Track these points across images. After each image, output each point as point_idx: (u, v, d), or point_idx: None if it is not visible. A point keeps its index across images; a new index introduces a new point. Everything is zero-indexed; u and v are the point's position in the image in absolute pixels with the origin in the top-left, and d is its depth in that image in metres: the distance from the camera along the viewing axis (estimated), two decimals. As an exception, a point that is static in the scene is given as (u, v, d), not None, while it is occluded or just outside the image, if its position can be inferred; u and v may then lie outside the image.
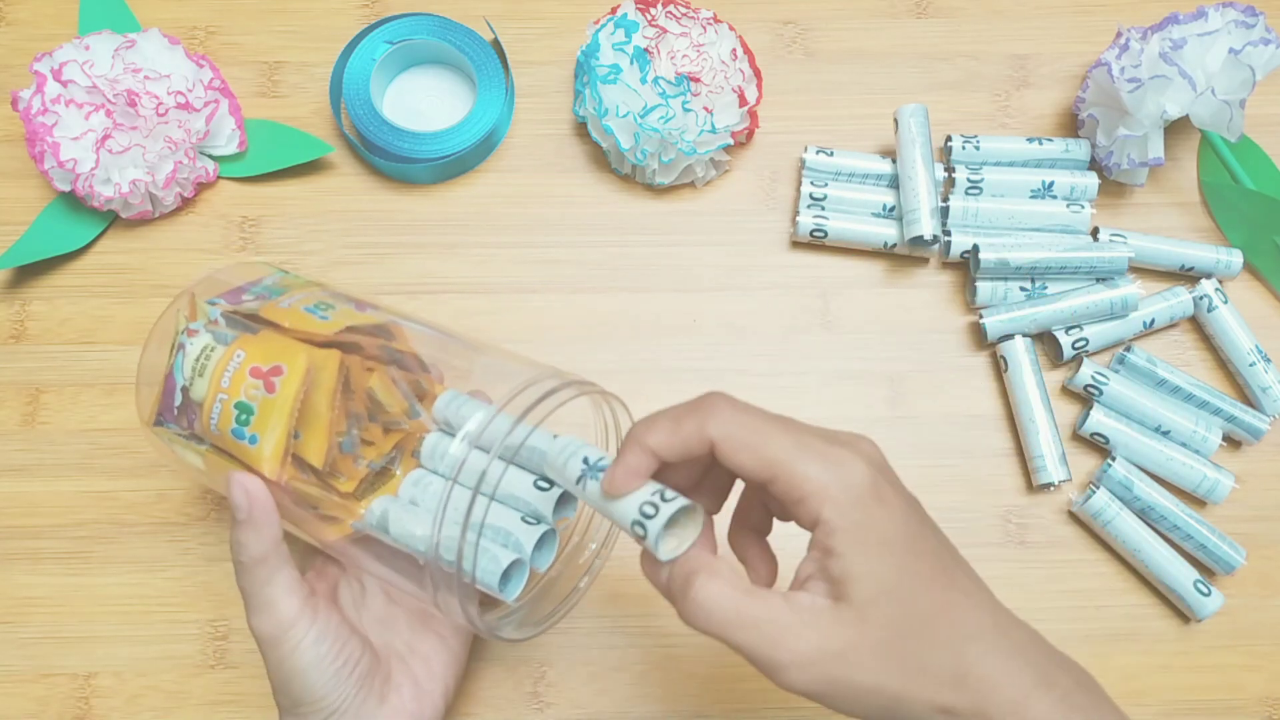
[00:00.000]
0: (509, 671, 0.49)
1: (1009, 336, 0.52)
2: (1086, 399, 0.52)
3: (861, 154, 0.55)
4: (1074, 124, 0.57)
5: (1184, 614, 0.50)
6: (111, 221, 0.55)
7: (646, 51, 0.51)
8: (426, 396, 0.42)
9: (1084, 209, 0.53)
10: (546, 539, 0.41)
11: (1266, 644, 0.51)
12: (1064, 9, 0.59)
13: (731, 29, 0.54)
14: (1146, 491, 0.50)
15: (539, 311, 0.54)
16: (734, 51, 0.53)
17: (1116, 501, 0.50)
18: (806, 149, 0.54)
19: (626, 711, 0.49)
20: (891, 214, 0.54)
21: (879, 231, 0.53)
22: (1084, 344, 0.52)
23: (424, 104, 0.56)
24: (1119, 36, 0.53)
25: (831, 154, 0.54)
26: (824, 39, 0.58)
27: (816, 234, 0.53)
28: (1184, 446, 0.51)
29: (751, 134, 0.56)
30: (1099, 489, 0.50)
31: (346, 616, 0.41)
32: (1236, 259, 0.53)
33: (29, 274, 0.54)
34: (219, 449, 0.40)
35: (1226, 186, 0.54)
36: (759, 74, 0.54)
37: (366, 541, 0.40)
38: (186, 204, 0.55)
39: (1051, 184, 0.54)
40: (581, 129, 0.57)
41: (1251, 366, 0.52)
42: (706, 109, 0.51)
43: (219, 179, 0.56)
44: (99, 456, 0.52)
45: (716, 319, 0.54)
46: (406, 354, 0.42)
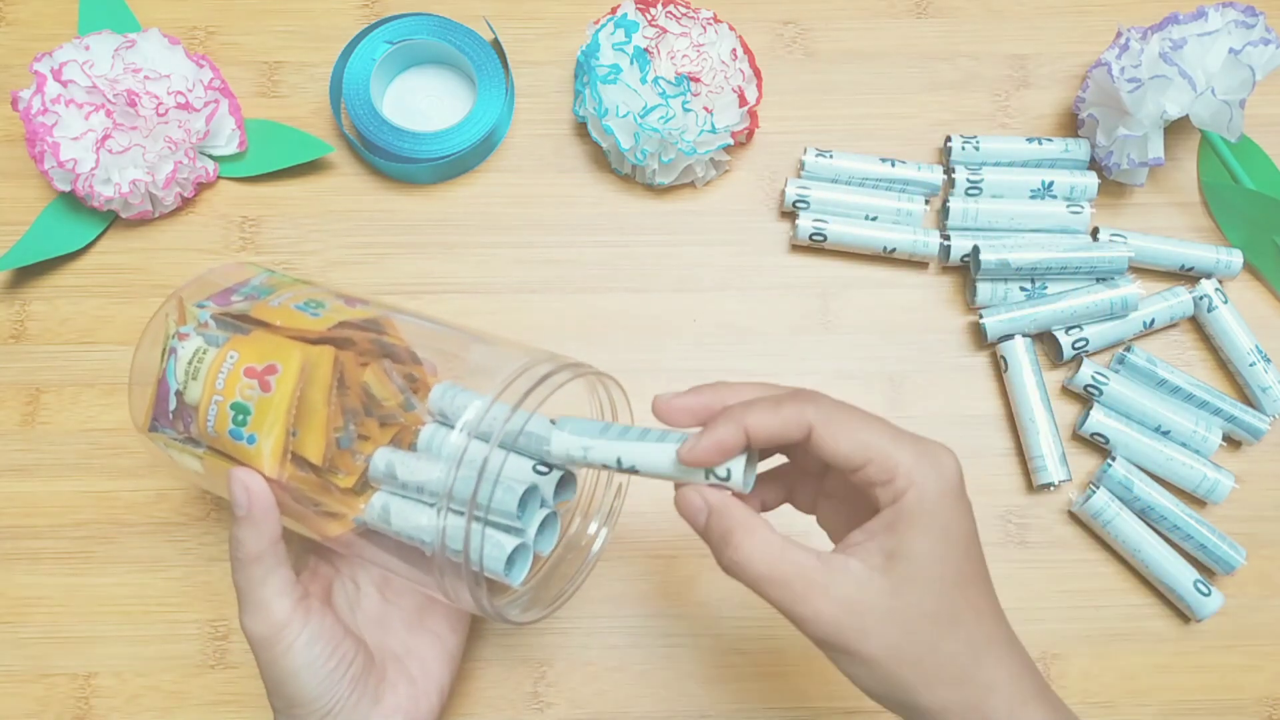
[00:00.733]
0: (509, 671, 0.49)
1: (1009, 337, 0.52)
2: (1086, 399, 0.52)
3: (860, 155, 0.55)
4: (1074, 124, 0.57)
5: (1184, 614, 0.50)
6: (111, 221, 0.55)
7: (646, 51, 0.51)
8: (421, 388, 0.42)
9: (1084, 209, 0.53)
10: (548, 522, 0.41)
11: (1266, 644, 0.51)
12: (1064, 9, 0.59)
13: (731, 29, 0.54)
14: (1146, 491, 0.50)
15: (539, 311, 0.54)
16: (734, 51, 0.53)
17: (1116, 501, 0.50)
18: (806, 150, 0.54)
19: (626, 711, 0.49)
20: (883, 219, 0.54)
21: (879, 236, 0.53)
22: (1084, 344, 0.52)
23: (424, 104, 0.56)
24: (1119, 36, 0.53)
25: (831, 156, 0.54)
26: (824, 39, 0.58)
27: (816, 238, 0.53)
28: (1184, 446, 0.51)
29: (751, 134, 0.56)
30: (1099, 489, 0.50)
31: (341, 617, 0.41)
32: (1236, 259, 0.53)
33: (29, 274, 0.54)
34: (217, 451, 0.40)
35: (1226, 186, 0.54)
36: (759, 74, 0.54)
37: (369, 534, 0.40)
38: (186, 204, 0.55)
39: (1051, 184, 0.54)
40: (581, 129, 0.57)
41: (1251, 366, 0.52)
42: (706, 109, 0.51)
43: (219, 179, 0.56)
44: (98, 456, 0.52)
45: (716, 319, 0.54)
46: (399, 346, 0.42)
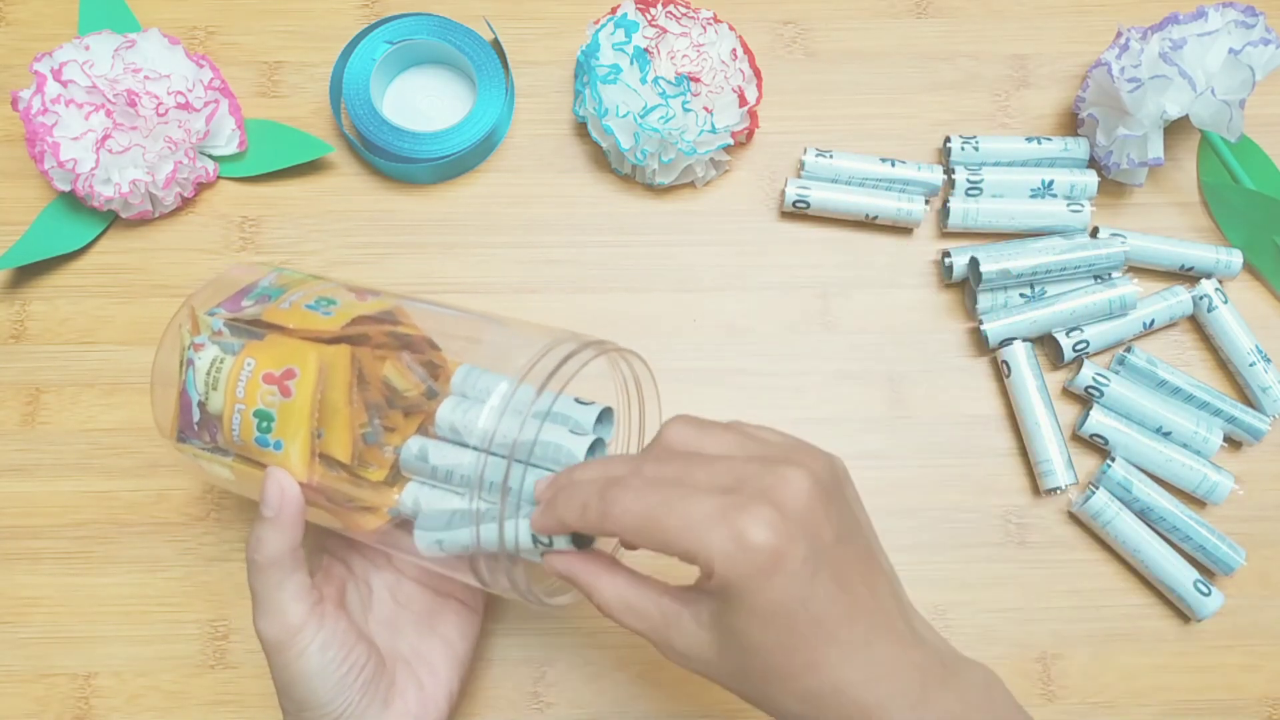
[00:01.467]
0: (509, 671, 0.49)
1: (1009, 340, 0.52)
2: (1087, 400, 0.52)
3: (860, 155, 0.55)
4: (1074, 124, 0.57)
5: (1184, 614, 0.50)
6: (111, 221, 0.55)
7: (646, 51, 0.51)
8: (442, 375, 0.42)
9: (1084, 208, 0.53)
10: None
11: (1266, 644, 0.51)
12: (1064, 9, 0.59)
13: (731, 29, 0.54)
14: (1145, 493, 0.50)
15: (539, 311, 0.54)
16: (734, 51, 0.53)
17: (1116, 502, 0.50)
18: (806, 150, 0.54)
19: (626, 711, 0.49)
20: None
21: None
22: (1084, 346, 0.52)
23: (424, 104, 0.56)
24: (1119, 36, 0.53)
25: (831, 156, 0.54)
26: (824, 39, 0.58)
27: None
28: (1185, 448, 0.51)
29: (751, 134, 0.56)
30: (1098, 490, 0.50)
31: (353, 621, 0.41)
32: (1236, 259, 0.53)
33: (29, 274, 0.54)
34: (246, 459, 0.40)
35: (1226, 186, 0.54)
36: (759, 74, 0.54)
37: (405, 525, 0.40)
38: (186, 204, 0.55)
39: (1051, 183, 0.54)
40: (581, 129, 0.57)
41: (1251, 367, 0.52)
42: (706, 109, 0.51)
43: (219, 179, 0.56)
44: (99, 456, 0.52)
45: (716, 319, 0.54)
46: (415, 336, 0.42)
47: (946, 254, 0.53)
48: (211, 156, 0.55)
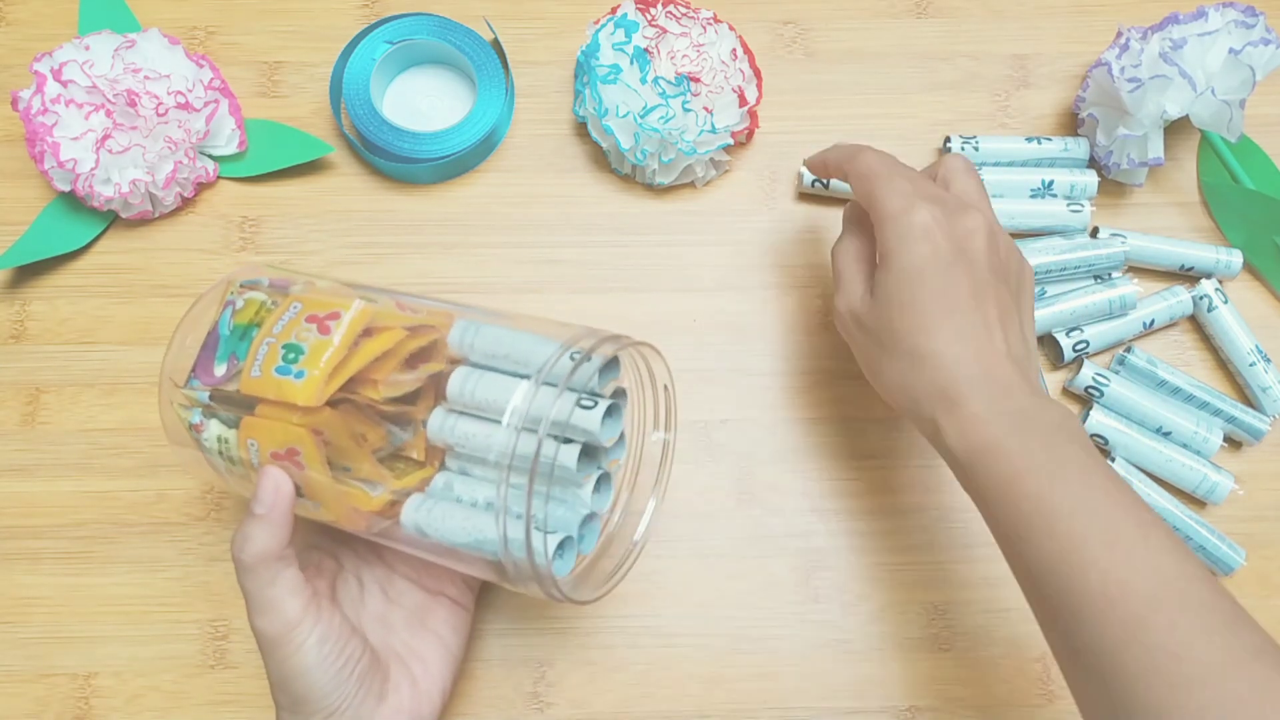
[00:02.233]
0: (509, 671, 0.49)
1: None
2: (1087, 400, 0.52)
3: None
4: (1074, 124, 0.57)
5: None
6: (111, 221, 0.55)
7: (646, 51, 0.51)
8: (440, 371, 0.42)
9: (1084, 207, 0.53)
10: (602, 483, 0.43)
11: (1266, 644, 0.51)
12: (1064, 9, 0.59)
13: (731, 29, 0.54)
14: (1143, 493, 0.50)
15: (539, 312, 0.54)
16: (734, 51, 0.53)
17: None
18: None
19: (626, 711, 0.49)
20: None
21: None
22: (1084, 346, 0.52)
23: (424, 104, 0.56)
24: (1119, 36, 0.53)
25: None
26: (824, 39, 0.58)
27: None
28: (1185, 447, 0.51)
29: (751, 134, 0.56)
30: None
31: (346, 616, 0.41)
32: (1236, 259, 0.53)
33: (29, 274, 0.54)
34: (243, 407, 0.39)
35: (1226, 186, 0.54)
36: (759, 74, 0.54)
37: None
38: (186, 204, 0.55)
39: (1051, 183, 0.54)
40: (581, 129, 0.57)
41: (1252, 367, 0.52)
42: (706, 109, 0.51)
43: (219, 179, 0.56)
44: (99, 456, 0.52)
45: (716, 319, 0.54)
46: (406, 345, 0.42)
47: None
48: (211, 156, 0.55)
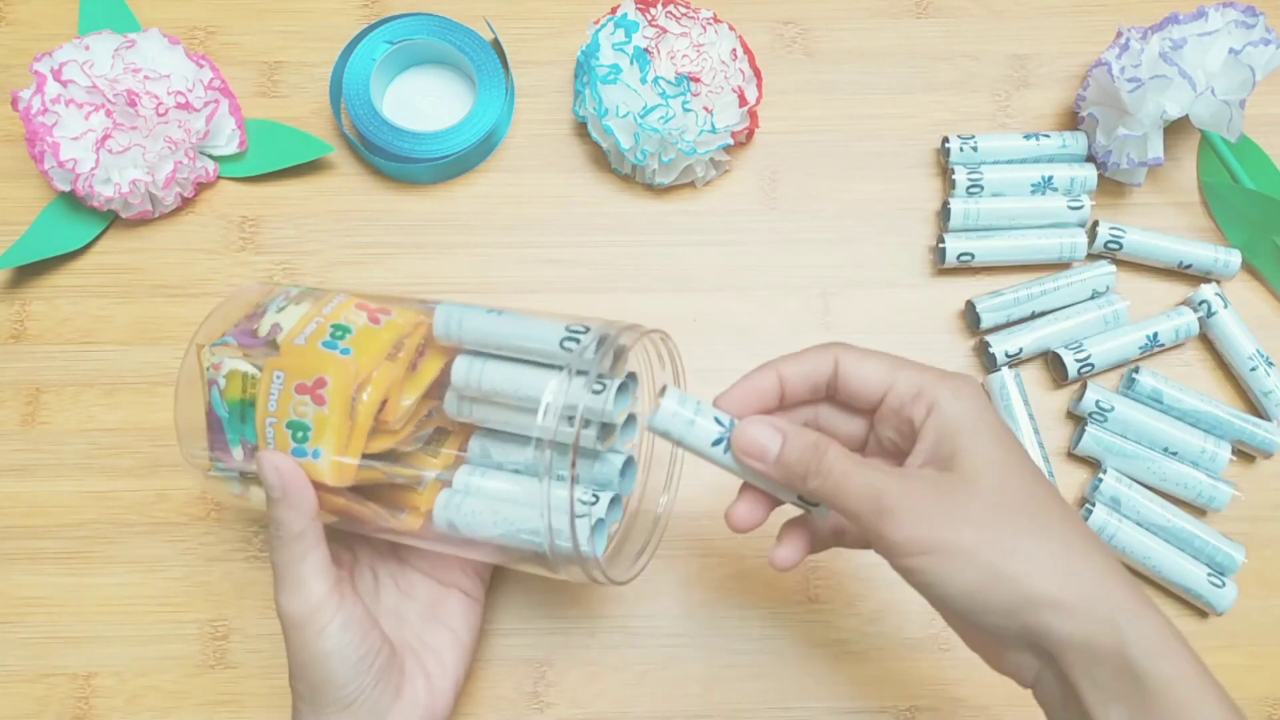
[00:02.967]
0: (509, 671, 0.49)
1: (1013, 358, 0.52)
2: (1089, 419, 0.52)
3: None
4: (1074, 124, 0.57)
5: (1201, 611, 0.50)
6: (111, 221, 0.55)
7: (646, 51, 0.51)
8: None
9: (1084, 204, 0.53)
10: (626, 466, 0.44)
11: (1266, 644, 0.51)
12: (1064, 9, 0.59)
13: (731, 29, 0.54)
14: (1137, 506, 0.49)
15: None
16: (734, 51, 0.53)
17: (1116, 515, 0.49)
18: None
19: (626, 711, 0.49)
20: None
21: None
22: (1088, 361, 0.52)
23: (424, 104, 0.56)
24: (1119, 36, 0.53)
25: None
26: (824, 39, 0.58)
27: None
28: (1194, 466, 0.50)
29: (751, 134, 0.56)
30: (1095, 506, 0.50)
31: (367, 607, 0.41)
32: (1235, 256, 0.53)
33: (29, 274, 0.54)
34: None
35: (1226, 186, 0.54)
36: (759, 74, 0.54)
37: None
38: (186, 204, 0.55)
39: (1051, 178, 0.54)
40: (581, 129, 0.57)
41: (1253, 371, 0.52)
42: (706, 109, 0.51)
43: (219, 179, 0.56)
44: (99, 456, 0.52)
45: (716, 319, 0.54)
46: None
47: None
48: (211, 156, 0.55)
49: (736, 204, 0.56)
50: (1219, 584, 0.49)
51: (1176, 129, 0.57)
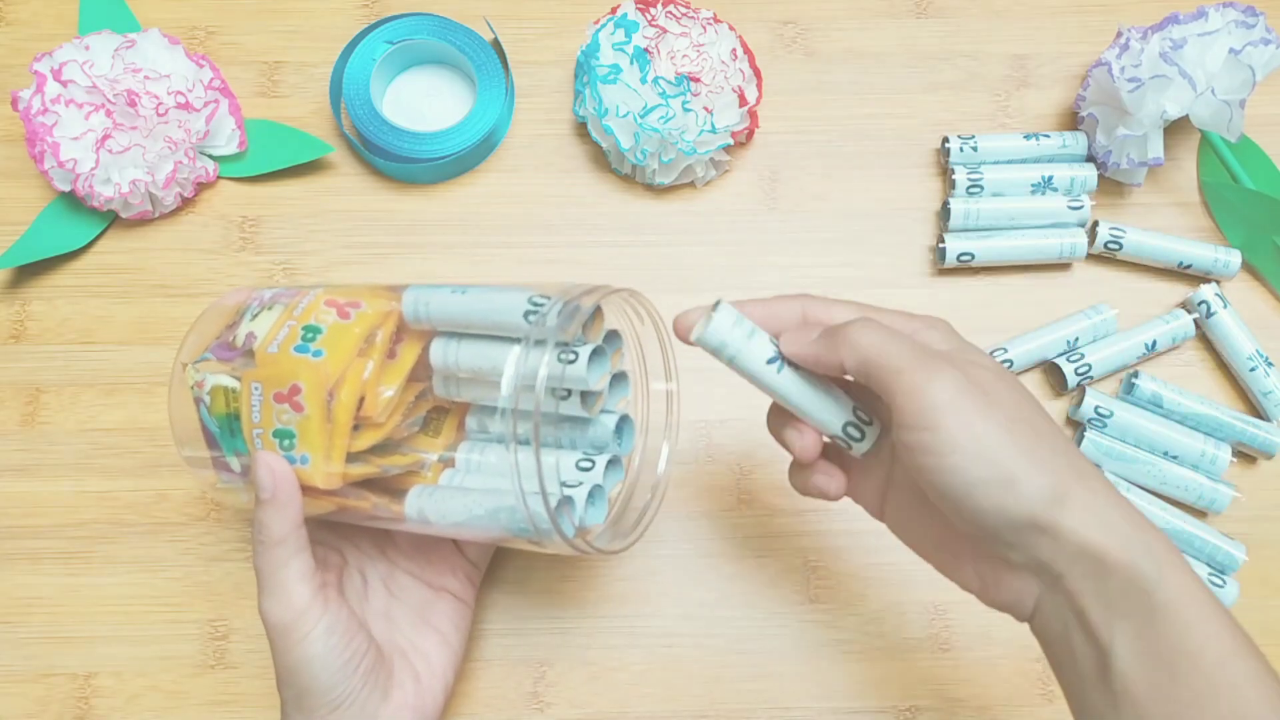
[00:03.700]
0: (509, 671, 0.49)
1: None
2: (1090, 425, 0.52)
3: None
4: (1074, 124, 0.57)
5: None
6: (111, 221, 0.55)
7: (646, 51, 0.51)
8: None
9: (1084, 204, 0.53)
10: (623, 426, 0.44)
11: (1267, 644, 0.50)
12: (1064, 9, 0.59)
13: (731, 29, 0.54)
14: (1142, 506, 0.49)
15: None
16: (734, 51, 0.53)
17: None
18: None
19: (626, 711, 0.49)
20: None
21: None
22: (1087, 370, 0.51)
23: (424, 104, 0.56)
24: (1119, 36, 0.53)
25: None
26: (824, 39, 0.58)
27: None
28: (1194, 469, 0.50)
29: (751, 134, 0.56)
30: None
31: (353, 610, 0.41)
32: (1235, 256, 0.53)
33: (29, 274, 0.54)
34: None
35: (1226, 186, 0.54)
36: (759, 74, 0.54)
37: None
38: (186, 204, 0.55)
39: (1051, 178, 0.54)
40: (581, 129, 0.57)
41: (1253, 371, 0.52)
42: (706, 109, 0.51)
43: (219, 179, 0.56)
44: (99, 456, 0.52)
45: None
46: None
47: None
48: (211, 156, 0.55)
49: (736, 204, 0.56)
50: (1220, 583, 0.49)
51: (1176, 129, 0.57)
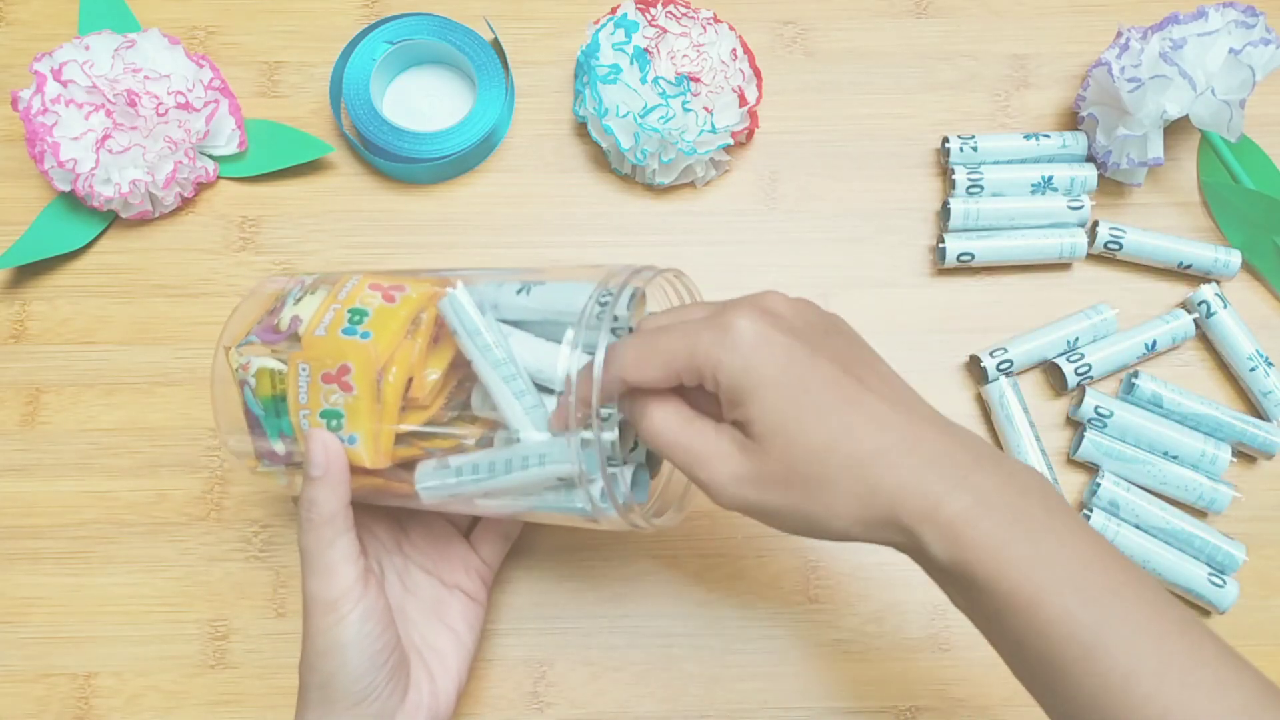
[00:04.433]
0: (509, 671, 0.49)
1: (995, 379, 0.52)
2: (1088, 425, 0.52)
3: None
4: (1074, 124, 0.57)
5: (1204, 610, 0.50)
6: (111, 221, 0.55)
7: (646, 51, 0.51)
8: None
9: (1084, 204, 0.53)
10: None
11: (1266, 644, 0.51)
12: (1064, 9, 0.59)
13: (731, 29, 0.54)
14: (1136, 509, 0.49)
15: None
16: (734, 51, 0.53)
17: (1115, 519, 0.49)
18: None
19: (626, 711, 0.49)
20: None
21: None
22: (1087, 371, 0.52)
23: (424, 104, 0.56)
24: (1119, 36, 0.53)
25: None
26: (824, 39, 0.58)
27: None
28: (1194, 469, 0.50)
29: (751, 134, 0.56)
30: (1093, 512, 0.50)
31: (389, 603, 0.41)
32: (1235, 256, 0.53)
33: (29, 274, 0.54)
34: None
35: (1226, 186, 0.54)
36: (759, 74, 0.54)
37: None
38: (186, 204, 0.55)
39: (1050, 178, 0.54)
40: (581, 129, 0.57)
41: (1253, 371, 0.52)
42: (706, 109, 0.51)
43: (219, 179, 0.56)
44: (99, 456, 0.52)
45: (716, 319, 0.54)
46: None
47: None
48: (211, 156, 0.55)
49: (736, 204, 0.56)
50: (1220, 583, 0.49)
51: (1176, 129, 0.57)
